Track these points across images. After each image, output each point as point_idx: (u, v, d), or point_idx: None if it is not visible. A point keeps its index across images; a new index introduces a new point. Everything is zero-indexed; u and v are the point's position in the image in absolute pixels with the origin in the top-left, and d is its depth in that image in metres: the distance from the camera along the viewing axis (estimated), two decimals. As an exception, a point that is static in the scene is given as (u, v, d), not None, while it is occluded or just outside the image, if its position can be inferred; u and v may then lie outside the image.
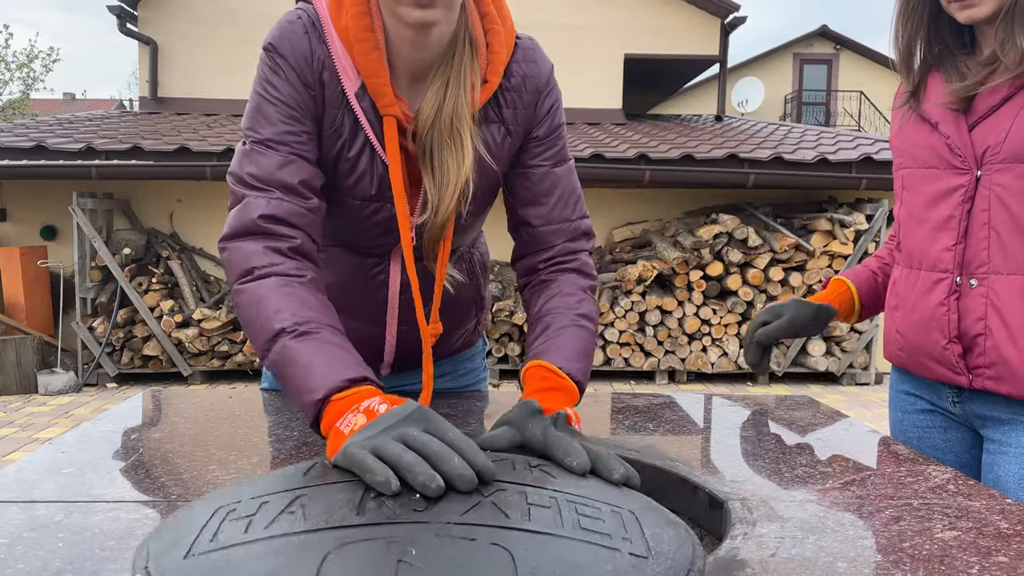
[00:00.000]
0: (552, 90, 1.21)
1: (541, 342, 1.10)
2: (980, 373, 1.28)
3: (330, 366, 0.93)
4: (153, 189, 7.19)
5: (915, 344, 1.36)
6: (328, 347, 0.96)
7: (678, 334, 6.77)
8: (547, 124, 1.21)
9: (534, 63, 1.19)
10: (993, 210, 1.24)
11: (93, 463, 1.02)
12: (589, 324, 1.14)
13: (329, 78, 1.11)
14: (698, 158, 6.73)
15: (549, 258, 1.20)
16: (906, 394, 1.46)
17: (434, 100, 1.10)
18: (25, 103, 21.29)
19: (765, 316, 1.45)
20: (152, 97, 9.16)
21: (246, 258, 1.04)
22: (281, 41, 1.10)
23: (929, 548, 0.79)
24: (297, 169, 1.08)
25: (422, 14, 1.03)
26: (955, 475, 1.03)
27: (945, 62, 1.32)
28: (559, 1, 9.18)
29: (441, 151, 1.10)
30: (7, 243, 7.19)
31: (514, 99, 1.17)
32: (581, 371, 1.07)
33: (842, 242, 6.63)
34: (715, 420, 1.32)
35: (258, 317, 1.00)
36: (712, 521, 0.94)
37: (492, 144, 1.17)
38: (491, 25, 1.15)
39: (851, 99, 20.41)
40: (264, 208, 1.05)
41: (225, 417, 1.26)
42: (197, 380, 6.79)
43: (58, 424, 5.49)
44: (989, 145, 1.23)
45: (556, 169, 1.22)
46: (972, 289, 1.26)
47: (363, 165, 1.14)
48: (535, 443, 0.93)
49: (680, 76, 11.16)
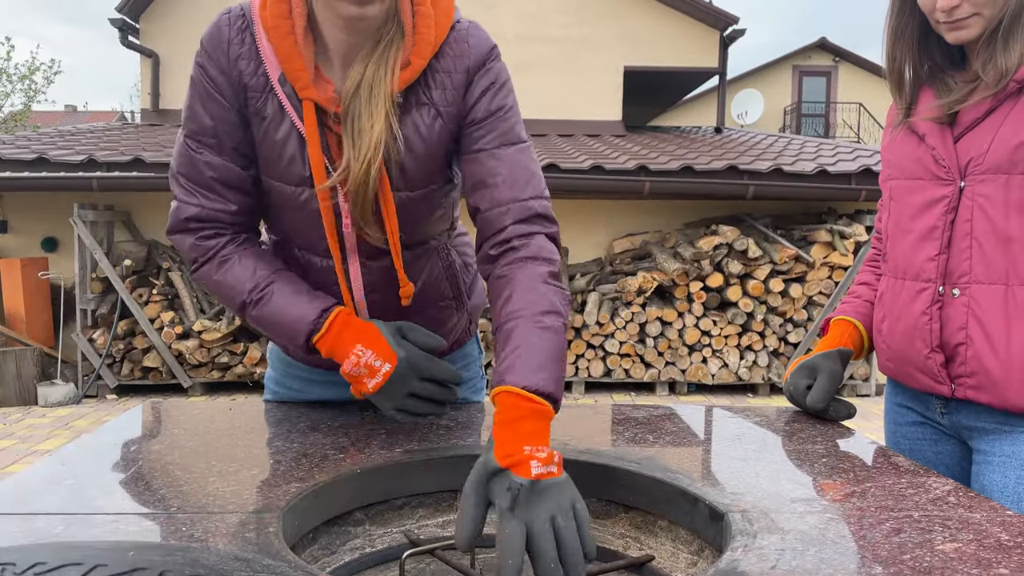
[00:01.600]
0: (488, 71, 1.19)
1: (505, 356, 1.04)
2: (962, 382, 1.29)
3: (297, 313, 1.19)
4: (154, 201, 7.19)
5: (900, 354, 1.37)
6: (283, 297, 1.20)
7: (678, 345, 6.77)
8: (483, 106, 1.19)
9: (465, 43, 1.18)
10: (975, 220, 1.25)
11: (93, 475, 1.02)
12: (554, 321, 1.07)
13: (249, 65, 1.16)
14: (698, 170, 6.75)
15: (500, 242, 1.15)
16: (899, 406, 1.48)
17: (356, 74, 1.13)
18: (27, 115, 21.35)
19: (801, 381, 1.42)
20: (153, 109, 9.19)
21: (188, 251, 1.24)
22: (207, 37, 1.18)
23: (930, 560, 0.79)
24: (224, 171, 1.20)
25: (360, 11, 1.07)
26: (955, 487, 1.03)
27: (935, 78, 1.35)
28: (559, 13, 9.22)
29: (359, 118, 1.12)
30: (8, 254, 7.20)
31: (443, 80, 1.17)
32: (550, 380, 1.01)
33: (842, 253, 6.63)
34: (716, 432, 1.32)
35: (223, 297, 1.25)
36: (713, 533, 0.94)
37: (422, 125, 1.18)
38: (419, 7, 1.16)
39: (850, 111, 20.47)
40: (191, 212, 1.22)
41: (225, 429, 1.26)
42: (197, 392, 6.78)
43: (58, 436, 5.48)
44: (972, 156, 1.26)
45: (500, 150, 1.18)
46: (954, 299, 1.28)
47: (291, 149, 1.18)
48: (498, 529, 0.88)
49: (680, 88, 11.20)
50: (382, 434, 1.22)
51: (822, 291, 6.74)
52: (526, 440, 0.94)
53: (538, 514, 0.87)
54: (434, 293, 1.36)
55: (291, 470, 1.05)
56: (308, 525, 0.98)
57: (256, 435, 1.23)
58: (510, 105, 1.21)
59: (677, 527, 1.03)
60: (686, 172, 6.76)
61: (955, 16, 1.23)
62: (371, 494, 1.07)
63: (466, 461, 1.13)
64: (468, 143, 1.20)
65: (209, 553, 0.71)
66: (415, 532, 1.09)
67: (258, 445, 1.17)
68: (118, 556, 0.68)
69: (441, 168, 1.24)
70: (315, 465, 1.07)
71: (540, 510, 0.87)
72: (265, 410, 1.39)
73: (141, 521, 0.87)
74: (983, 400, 1.27)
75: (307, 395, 1.46)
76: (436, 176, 1.24)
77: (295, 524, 0.94)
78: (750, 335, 6.72)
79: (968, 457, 1.37)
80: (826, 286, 6.73)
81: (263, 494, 0.96)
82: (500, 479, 0.91)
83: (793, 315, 6.76)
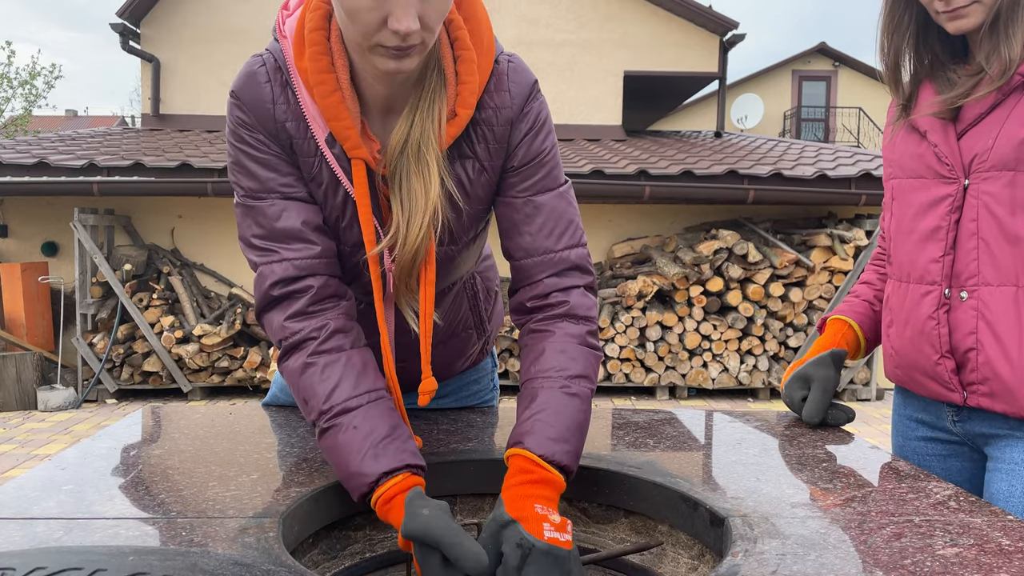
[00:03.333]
0: (527, 114, 1.12)
1: (527, 418, 1.00)
2: (974, 390, 1.24)
3: (360, 461, 0.97)
4: (154, 205, 7.20)
5: (909, 360, 1.32)
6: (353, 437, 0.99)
7: (678, 349, 6.76)
8: (522, 152, 1.12)
9: (506, 92, 1.10)
10: (981, 220, 1.20)
11: (93, 480, 1.02)
12: (583, 388, 1.04)
13: (297, 128, 1.07)
14: (698, 174, 6.75)
15: (536, 296, 1.11)
16: (908, 419, 1.42)
17: (402, 130, 1.05)
18: (27, 120, 21.36)
19: (796, 393, 1.41)
20: (154, 114, 9.20)
21: (274, 334, 1.08)
22: (243, 91, 1.08)
23: (931, 565, 0.79)
24: (295, 213, 1.08)
25: (397, 65, 0.98)
26: (956, 491, 1.03)
27: (936, 72, 1.29)
28: (560, 18, 9.24)
29: (409, 178, 1.05)
30: (8, 259, 7.20)
31: (485, 133, 1.10)
32: (569, 453, 0.98)
33: (842, 258, 6.63)
34: (716, 436, 1.32)
35: (298, 402, 1.06)
36: (713, 538, 0.94)
37: (466, 181, 1.11)
38: (461, 52, 1.07)
39: (850, 115, 20.49)
40: (275, 275, 1.07)
41: (225, 433, 1.26)
42: (197, 396, 6.78)
43: (57, 440, 5.47)
44: (976, 153, 1.21)
45: (537, 197, 1.12)
46: (962, 302, 1.23)
47: (349, 212, 1.10)
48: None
49: (680, 93, 11.21)
50: (382, 439, 1.22)
51: (822, 295, 6.74)
52: (537, 501, 0.91)
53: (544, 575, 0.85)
54: (457, 324, 1.33)
55: (291, 475, 1.05)
56: (308, 530, 0.98)
57: (256, 440, 1.23)
58: (549, 148, 1.14)
59: (678, 532, 1.02)
60: (686, 176, 6.77)
61: (954, 4, 1.18)
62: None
63: (468, 466, 1.13)
64: (505, 187, 1.14)
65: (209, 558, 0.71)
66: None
67: (258, 450, 1.17)
68: (118, 561, 0.68)
69: (482, 218, 1.20)
70: (315, 470, 1.07)
71: (547, 572, 0.85)
72: (264, 415, 1.39)
73: (141, 526, 0.86)
74: (997, 409, 1.22)
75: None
76: (478, 226, 1.20)
77: (295, 529, 0.94)
78: (750, 339, 6.72)
79: (977, 472, 1.33)
80: (826, 290, 6.73)
81: (263, 499, 0.96)
82: (511, 531, 0.87)
83: (793, 319, 6.76)
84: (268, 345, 6.79)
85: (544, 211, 1.12)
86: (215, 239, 7.24)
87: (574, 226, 1.14)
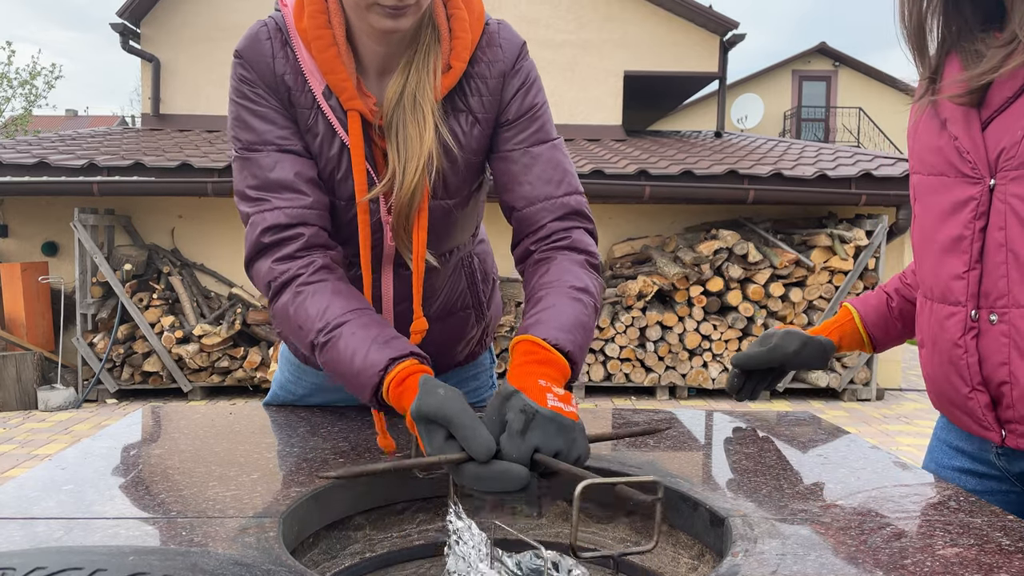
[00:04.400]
0: (519, 71, 1.18)
1: (531, 315, 1.03)
2: (1012, 429, 1.04)
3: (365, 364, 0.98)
4: (154, 205, 7.20)
5: (940, 390, 1.13)
6: (353, 341, 1.01)
7: (679, 349, 6.77)
8: (515, 106, 1.17)
9: (498, 47, 1.17)
10: (1010, 228, 0.98)
11: (93, 480, 1.02)
12: (585, 297, 1.07)
13: (295, 80, 1.13)
14: (698, 174, 6.75)
15: (541, 239, 1.15)
16: (947, 445, 1.21)
17: (398, 83, 1.11)
18: (27, 120, 21.37)
19: (754, 346, 1.37)
20: (154, 114, 9.20)
21: (262, 279, 1.11)
22: (245, 50, 1.14)
23: (931, 565, 0.79)
24: (289, 164, 1.12)
25: (393, 24, 1.04)
26: (956, 491, 1.03)
27: (964, 43, 1.05)
28: (560, 19, 9.24)
29: (405, 127, 1.10)
30: (8, 259, 7.20)
31: (479, 86, 1.16)
32: (573, 342, 0.99)
33: (842, 258, 6.63)
34: (716, 436, 1.32)
35: (292, 333, 1.08)
36: (713, 538, 0.94)
37: (460, 134, 1.16)
38: (454, 10, 1.14)
39: (850, 115, 20.49)
40: (265, 222, 1.10)
41: (225, 433, 1.26)
42: (197, 396, 6.78)
43: (58, 440, 5.47)
44: (1003, 147, 0.99)
45: (533, 149, 1.17)
46: (992, 326, 1.02)
47: (344, 164, 1.15)
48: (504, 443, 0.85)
49: (680, 93, 11.22)
50: (382, 438, 1.22)
51: (822, 295, 6.74)
52: (540, 377, 0.92)
53: (549, 442, 0.84)
54: (455, 301, 1.36)
55: (291, 475, 1.05)
56: (308, 530, 0.98)
57: (256, 440, 1.23)
58: (541, 103, 1.20)
59: (678, 532, 1.02)
60: (686, 176, 6.77)
61: None
62: (371, 499, 1.07)
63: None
64: (500, 142, 1.19)
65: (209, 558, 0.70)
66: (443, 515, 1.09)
67: (258, 450, 1.17)
68: (118, 561, 0.68)
69: (477, 173, 1.24)
70: (315, 470, 1.07)
71: (552, 440, 0.84)
72: (265, 415, 1.39)
73: (141, 526, 0.86)
74: None
75: (312, 400, 1.46)
76: (472, 182, 1.24)
77: (295, 529, 0.94)
78: (750, 339, 6.72)
79: (1016, 510, 1.15)
80: (826, 290, 6.73)
81: (263, 498, 0.96)
82: (515, 400, 0.87)
83: (793, 319, 6.75)
84: (268, 345, 6.79)
85: (541, 160, 1.17)
86: (215, 239, 7.24)
87: (571, 175, 1.18)
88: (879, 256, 6.78)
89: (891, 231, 6.86)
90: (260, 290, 1.13)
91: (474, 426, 0.84)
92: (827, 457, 1.18)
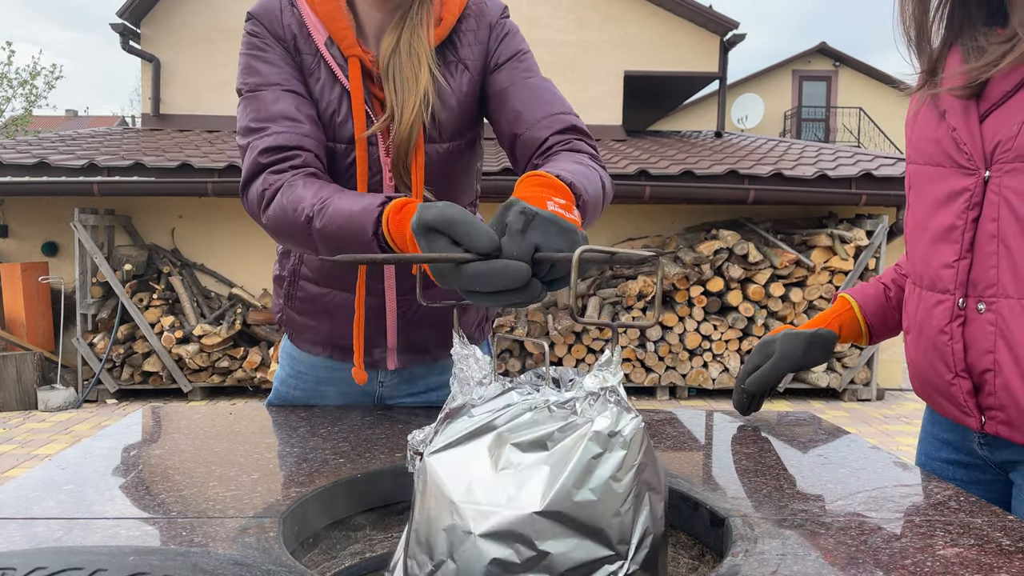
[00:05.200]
0: (506, 23, 1.30)
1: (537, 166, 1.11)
2: (992, 416, 1.08)
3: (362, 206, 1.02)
4: (154, 205, 7.21)
5: (923, 375, 1.17)
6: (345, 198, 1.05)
7: (679, 350, 6.77)
8: (504, 51, 1.28)
9: (483, 3, 1.29)
10: (1003, 220, 1.02)
11: (93, 480, 1.02)
12: (595, 165, 1.14)
13: (300, 29, 1.24)
14: (698, 174, 6.76)
15: (543, 151, 1.21)
16: (934, 438, 1.26)
17: (393, 35, 1.22)
18: (27, 120, 21.37)
19: (756, 359, 1.34)
20: (154, 114, 9.21)
21: (257, 193, 1.15)
22: (257, 9, 1.26)
23: (931, 565, 0.79)
24: (290, 100, 1.20)
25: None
26: (956, 491, 1.03)
27: (966, 36, 1.08)
28: (561, 19, 9.24)
29: (401, 70, 1.20)
30: (8, 259, 7.20)
31: (468, 37, 1.27)
32: (582, 184, 0.99)
33: (842, 258, 6.63)
34: (716, 436, 1.32)
35: (288, 227, 1.10)
36: (714, 538, 0.94)
37: (452, 80, 1.26)
38: None
39: (850, 115, 20.50)
40: (263, 144, 1.16)
41: (225, 433, 1.26)
42: (197, 396, 6.78)
43: (58, 440, 5.47)
44: (1000, 140, 1.02)
45: (528, 80, 1.27)
46: (979, 315, 1.05)
47: (343, 109, 1.23)
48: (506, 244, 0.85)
49: (680, 93, 11.22)
50: (382, 439, 1.22)
51: (823, 296, 6.74)
52: (543, 192, 0.92)
53: (549, 241, 0.83)
54: None
55: (291, 475, 1.05)
56: (308, 530, 0.98)
57: (256, 440, 1.23)
58: (527, 50, 1.31)
59: (678, 532, 1.02)
60: (686, 177, 6.77)
61: None
62: (372, 499, 1.07)
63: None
64: (495, 85, 1.28)
65: (209, 558, 0.70)
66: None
67: (258, 450, 1.17)
68: (118, 561, 0.68)
69: (470, 123, 1.31)
70: (315, 470, 1.07)
71: (552, 240, 0.83)
72: (265, 415, 1.39)
73: (141, 526, 0.87)
74: (1016, 439, 1.07)
75: (313, 399, 1.46)
76: (465, 131, 1.31)
77: (295, 529, 0.94)
78: (751, 340, 6.72)
79: (1003, 501, 1.19)
80: (827, 291, 6.73)
81: (263, 499, 0.96)
82: (516, 205, 0.85)
83: (794, 319, 6.76)
84: (268, 345, 6.79)
85: (538, 88, 1.26)
86: (215, 239, 7.24)
87: (564, 100, 1.27)
88: (879, 256, 6.78)
89: (891, 231, 6.86)
90: (253, 211, 1.16)
91: (476, 223, 0.84)
92: (827, 457, 1.18)
